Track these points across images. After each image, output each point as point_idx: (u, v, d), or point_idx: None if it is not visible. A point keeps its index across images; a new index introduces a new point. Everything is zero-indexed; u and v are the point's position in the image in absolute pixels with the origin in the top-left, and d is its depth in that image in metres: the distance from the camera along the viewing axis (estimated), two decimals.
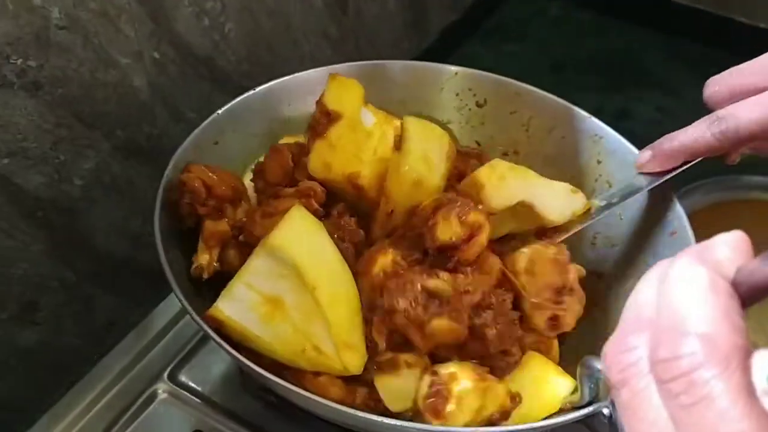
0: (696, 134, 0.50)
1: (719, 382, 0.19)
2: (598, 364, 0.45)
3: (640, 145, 0.61)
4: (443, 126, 0.63)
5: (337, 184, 0.54)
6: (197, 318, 0.47)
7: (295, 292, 0.47)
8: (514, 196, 0.54)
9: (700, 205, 0.93)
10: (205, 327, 0.47)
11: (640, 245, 0.58)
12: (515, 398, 0.47)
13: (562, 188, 0.56)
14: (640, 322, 0.23)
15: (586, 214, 0.57)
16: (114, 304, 0.77)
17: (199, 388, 0.62)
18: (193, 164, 0.55)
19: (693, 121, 0.53)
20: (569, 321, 0.53)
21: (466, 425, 0.45)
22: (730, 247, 0.22)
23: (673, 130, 0.55)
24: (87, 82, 0.64)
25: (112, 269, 0.75)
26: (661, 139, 0.53)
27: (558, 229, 0.57)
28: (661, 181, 0.55)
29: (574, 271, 0.54)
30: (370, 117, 0.55)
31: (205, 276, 0.52)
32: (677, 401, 0.20)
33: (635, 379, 0.22)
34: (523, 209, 0.55)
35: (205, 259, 0.52)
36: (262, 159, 0.59)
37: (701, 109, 0.48)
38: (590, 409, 0.44)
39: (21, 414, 0.67)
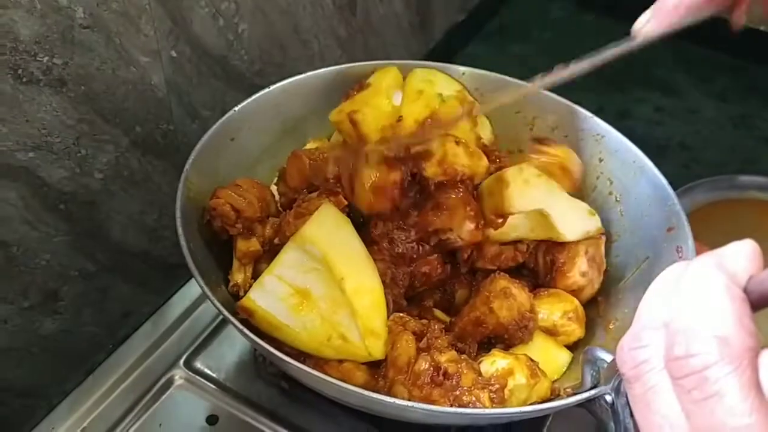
0: None
1: (730, 380, 0.21)
2: (600, 354, 0.48)
3: (641, 145, 0.63)
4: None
5: (340, 124, 0.58)
6: (218, 303, 0.49)
7: (322, 284, 0.50)
8: (534, 203, 0.57)
9: (699, 203, 0.95)
10: (224, 311, 0.49)
11: (640, 240, 0.61)
12: (556, 391, 0.50)
13: (581, 207, 0.59)
14: (655, 320, 0.24)
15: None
16: (129, 294, 0.79)
17: (214, 375, 0.65)
18: (221, 189, 0.57)
19: (692, 121, 0.54)
20: None
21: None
22: (744, 256, 0.24)
23: (673, 130, 0.57)
24: (108, 80, 0.66)
25: (129, 260, 0.78)
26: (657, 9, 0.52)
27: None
28: (657, 34, 0.53)
29: None
30: (399, 97, 0.58)
31: (242, 294, 0.54)
32: (690, 396, 0.22)
33: (649, 374, 0.24)
34: (538, 218, 0.57)
35: (240, 277, 0.55)
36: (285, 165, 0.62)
37: (701, 109, 0.49)
38: (593, 392, 0.47)
39: (42, 399, 0.70)
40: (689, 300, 0.23)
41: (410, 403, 0.45)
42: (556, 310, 0.57)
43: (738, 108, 1.44)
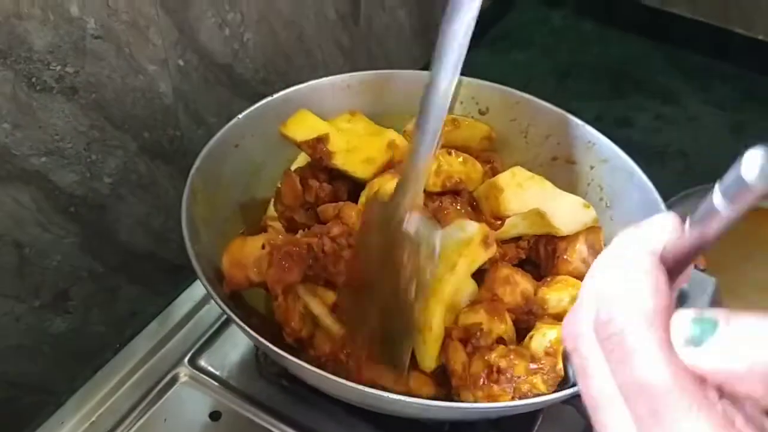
0: None
1: (644, 338, 0.23)
2: None
3: (639, 152, 0.66)
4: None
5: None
6: (220, 302, 0.52)
7: None
8: (529, 203, 0.59)
9: (693, 210, 0.96)
10: (227, 310, 0.51)
11: None
12: None
13: (575, 201, 0.61)
14: (590, 296, 0.27)
15: None
16: (136, 294, 0.81)
17: (217, 373, 0.67)
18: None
19: (691, 129, 0.57)
20: None
21: None
22: (659, 226, 0.26)
23: (672, 138, 0.59)
24: (118, 88, 0.69)
25: (136, 262, 0.80)
26: None
27: None
28: None
29: None
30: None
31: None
32: (613, 356, 0.24)
33: (584, 345, 0.26)
34: (535, 216, 0.60)
35: (331, 320, 0.57)
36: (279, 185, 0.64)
37: (700, 117, 0.51)
38: (575, 389, 0.49)
39: (51, 396, 0.72)
40: (610, 271, 0.26)
41: (402, 398, 0.47)
42: (565, 295, 0.58)
43: (736, 116, 1.45)
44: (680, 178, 1.31)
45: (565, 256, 0.60)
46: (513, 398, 0.51)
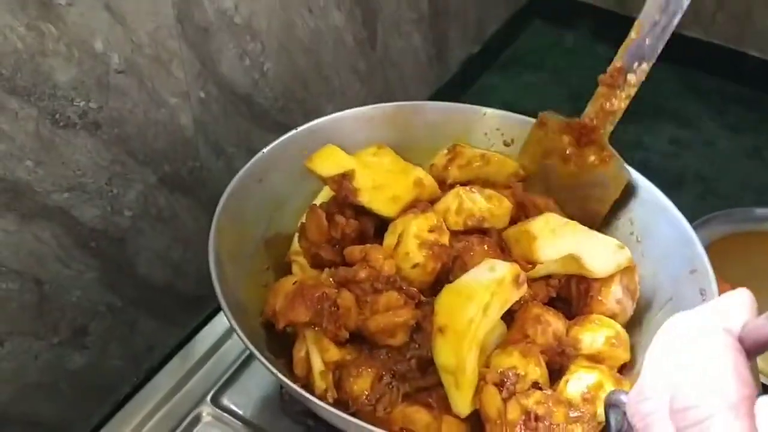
0: None
1: (729, 428, 0.22)
2: (623, 397, 0.48)
3: (657, 177, 0.65)
4: None
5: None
6: (247, 341, 0.50)
7: None
8: (563, 249, 0.58)
9: (716, 235, 0.95)
10: (251, 346, 0.50)
11: (662, 282, 0.61)
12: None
13: (609, 243, 0.60)
14: (658, 373, 0.26)
15: None
16: (154, 328, 0.80)
17: (240, 412, 0.66)
18: (347, 293, 0.56)
19: (707, 153, 0.57)
20: None
21: None
22: (738, 306, 0.25)
23: (688, 162, 0.59)
24: (140, 122, 0.68)
25: (154, 295, 0.79)
26: None
27: None
28: None
29: None
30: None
31: (330, 400, 0.54)
32: None
33: (656, 425, 0.25)
34: (570, 260, 0.59)
35: (324, 385, 0.54)
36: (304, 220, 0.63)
37: (716, 141, 0.51)
38: None
39: None
40: (688, 354, 0.25)
41: None
42: (599, 335, 0.57)
43: (751, 139, 1.45)
44: (699, 202, 1.30)
45: (599, 297, 0.58)
46: None
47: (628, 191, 0.66)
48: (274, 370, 0.49)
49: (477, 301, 0.53)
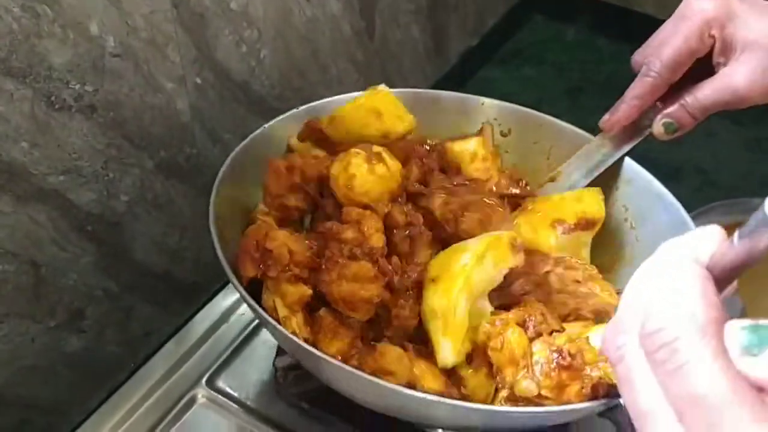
0: (638, 86, 0.60)
1: (698, 349, 0.23)
2: None
3: (657, 168, 0.65)
4: None
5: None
6: (253, 302, 0.50)
7: None
8: None
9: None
10: (263, 312, 0.50)
11: None
12: None
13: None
14: (634, 306, 0.26)
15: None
16: (151, 314, 0.81)
17: (235, 394, 0.66)
18: (275, 231, 0.55)
19: (708, 144, 0.58)
20: None
21: None
22: (705, 237, 0.26)
23: (688, 153, 0.60)
24: (136, 106, 0.68)
25: (151, 280, 0.79)
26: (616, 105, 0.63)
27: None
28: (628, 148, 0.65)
29: None
30: None
31: (301, 340, 0.53)
32: (663, 368, 0.23)
33: (629, 355, 0.25)
34: None
35: (295, 323, 0.53)
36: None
37: (717, 132, 0.51)
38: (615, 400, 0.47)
39: (65, 418, 0.72)
40: (657, 282, 0.25)
41: (461, 403, 0.45)
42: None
43: (753, 131, 1.44)
44: (698, 193, 1.30)
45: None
46: (583, 388, 0.47)
47: (621, 178, 0.66)
48: (289, 334, 0.49)
49: (471, 251, 0.51)
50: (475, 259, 0.51)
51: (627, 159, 0.66)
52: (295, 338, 0.49)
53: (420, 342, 0.53)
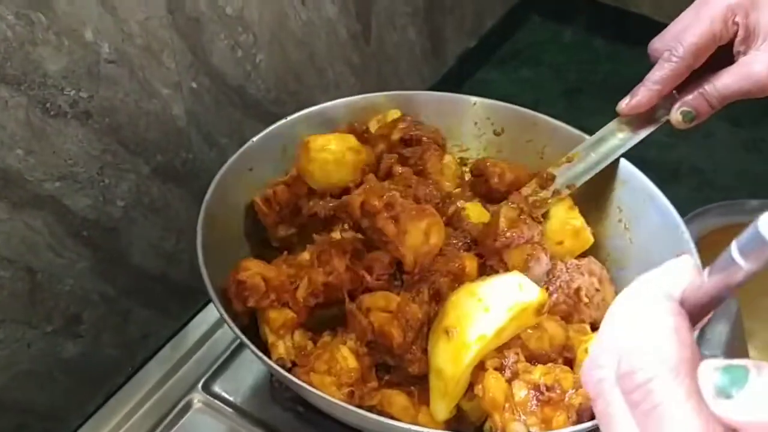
0: (659, 71, 0.59)
1: (670, 390, 0.23)
2: None
3: (653, 169, 0.65)
4: None
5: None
6: (236, 329, 0.51)
7: None
8: None
9: (710, 227, 0.96)
10: (240, 334, 0.51)
11: (649, 268, 0.61)
12: None
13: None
14: (610, 342, 0.26)
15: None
16: (148, 318, 0.81)
17: (231, 398, 0.66)
18: (247, 261, 0.57)
19: (705, 145, 0.58)
20: None
21: None
22: (681, 271, 0.26)
23: (686, 154, 0.60)
24: (132, 111, 0.68)
25: (148, 285, 0.79)
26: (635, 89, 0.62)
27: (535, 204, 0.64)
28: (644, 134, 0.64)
29: None
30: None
31: (290, 365, 0.54)
32: (639, 409, 0.24)
33: (607, 391, 0.25)
34: None
35: (282, 348, 0.54)
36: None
37: (714, 133, 0.51)
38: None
39: (63, 422, 0.72)
40: (631, 320, 0.25)
41: (419, 429, 0.46)
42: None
43: (751, 132, 1.44)
44: (696, 194, 1.30)
45: None
46: (568, 417, 0.47)
47: (616, 179, 0.66)
48: (266, 359, 0.50)
49: (493, 319, 0.49)
50: (495, 335, 0.49)
51: (623, 160, 0.66)
52: (279, 369, 0.50)
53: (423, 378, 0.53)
